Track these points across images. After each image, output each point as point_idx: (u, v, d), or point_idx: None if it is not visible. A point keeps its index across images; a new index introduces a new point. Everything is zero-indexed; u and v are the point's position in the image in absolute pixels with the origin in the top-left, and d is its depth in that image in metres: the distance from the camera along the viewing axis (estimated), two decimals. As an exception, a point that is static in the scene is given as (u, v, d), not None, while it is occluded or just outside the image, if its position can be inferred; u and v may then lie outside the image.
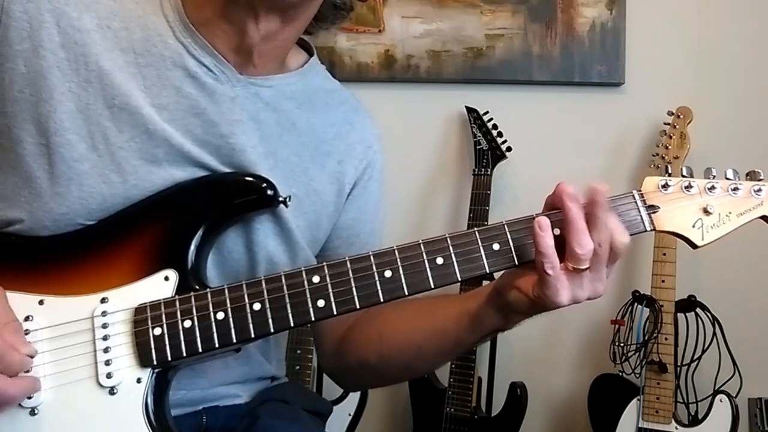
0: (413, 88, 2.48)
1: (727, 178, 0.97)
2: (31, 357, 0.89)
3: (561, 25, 2.37)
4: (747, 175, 0.98)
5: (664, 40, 2.38)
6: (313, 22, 1.10)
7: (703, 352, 2.13)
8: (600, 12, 2.35)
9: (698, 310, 2.14)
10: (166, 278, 0.95)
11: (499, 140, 2.29)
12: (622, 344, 2.14)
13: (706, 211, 0.95)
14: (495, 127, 2.31)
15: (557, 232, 0.91)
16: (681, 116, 2.18)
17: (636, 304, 2.15)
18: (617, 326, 2.17)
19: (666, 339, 2.08)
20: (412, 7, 2.43)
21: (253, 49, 1.03)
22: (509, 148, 2.31)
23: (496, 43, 2.40)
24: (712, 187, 0.96)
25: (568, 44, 2.37)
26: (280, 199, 1.02)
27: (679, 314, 2.14)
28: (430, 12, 2.42)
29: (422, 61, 2.43)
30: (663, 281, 2.11)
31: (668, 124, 2.20)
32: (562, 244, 0.90)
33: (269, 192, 1.01)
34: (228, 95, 1.03)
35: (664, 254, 2.11)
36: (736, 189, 0.96)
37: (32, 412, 0.89)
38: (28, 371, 0.89)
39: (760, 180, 0.97)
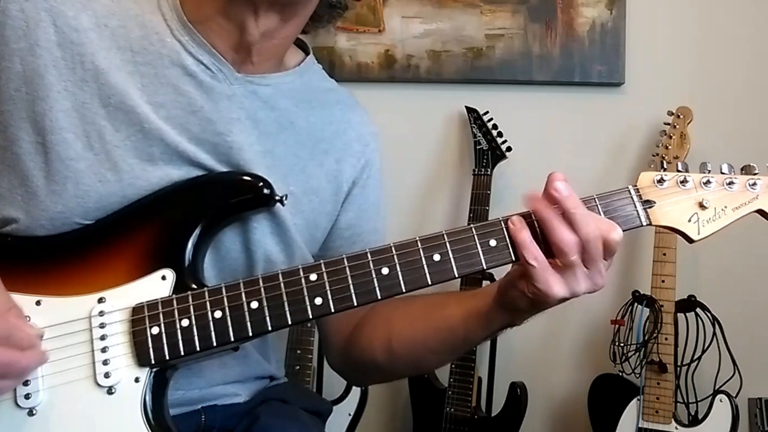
0: (413, 88, 2.48)
1: (722, 173, 0.97)
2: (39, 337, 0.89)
3: (561, 25, 2.37)
4: (742, 169, 0.97)
5: (664, 40, 2.38)
6: (309, 21, 1.11)
7: (703, 352, 2.12)
8: (600, 12, 2.35)
9: (698, 310, 2.14)
10: (163, 278, 0.95)
11: (499, 140, 2.29)
12: (622, 344, 2.14)
13: (701, 206, 0.95)
14: (495, 127, 2.30)
15: None
16: (681, 116, 2.18)
17: (636, 304, 2.15)
18: (617, 326, 2.17)
19: (666, 339, 2.08)
20: (412, 7, 2.43)
21: (252, 46, 1.03)
22: (509, 148, 2.31)
23: (496, 43, 2.40)
24: (708, 182, 0.96)
25: (568, 44, 2.37)
26: (277, 197, 1.02)
27: (679, 314, 2.14)
28: (430, 12, 2.42)
29: (422, 61, 2.43)
30: (663, 281, 2.11)
31: (668, 124, 2.19)
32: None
33: (266, 191, 1.01)
34: (225, 93, 1.03)
35: (664, 254, 2.11)
36: (731, 183, 0.96)
37: (30, 412, 0.89)
38: None
39: (755, 174, 0.97)
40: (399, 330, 1.14)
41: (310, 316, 0.93)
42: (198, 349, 0.91)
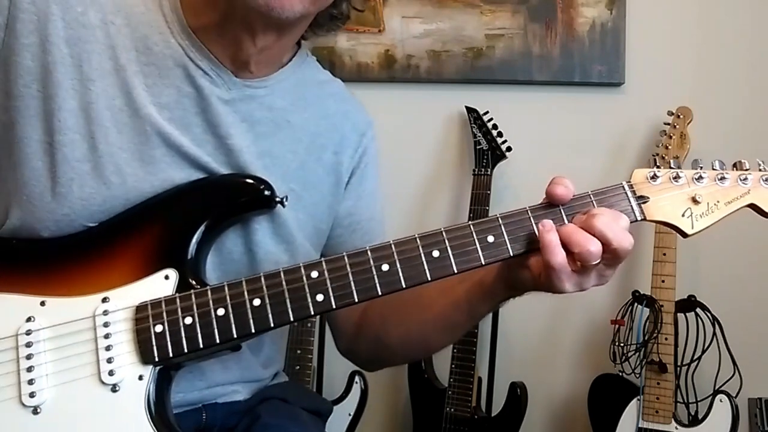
0: (413, 88, 2.49)
1: (714, 169, 0.98)
2: None
3: (561, 25, 2.37)
4: (734, 165, 0.99)
5: (664, 40, 2.39)
6: (309, 29, 1.12)
7: (703, 352, 2.13)
8: (600, 12, 2.36)
9: (698, 310, 2.14)
10: (167, 277, 0.96)
11: (499, 140, 2.30)
12: (622, 344, 2.14)
13: (694, 201, 0.96)
14: (495, 127, 2.31)
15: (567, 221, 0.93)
16: (681, 116, 2.18)
17: (636, 304, 2.15)
18: (617, 326, 2.17)
19: (666, 339, 2.08)
20: (412, 7, 2.43)
21: (250, 60, 1.05)
22: (509, 148, 2.31)
23: (496, 43, 2.40)
24: (700, 177, 0.97)
25: (568, 44, 2.37)
26: (278, 199, 1.03)
27: (679, 314, 2.14)
28: (430, 12, 2.43)
29: (422, 61, 2.44)
30: (663, 281, 2.11)
31: (668, 124, 2.20)
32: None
33: (266, 192, 1.02)
34: (223, 98, 1.04)
35: (664, 254, 2.11)
36: (723, 178, 0.97)
37: (35, 411, 0.89)
38: None
39: (746, 170, 0.98)
40: (410, 313, 1.15)
41: (312, 313, 0.93)
42: (201, 346, 0.92)
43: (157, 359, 0.91)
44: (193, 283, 0.96)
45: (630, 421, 2.09)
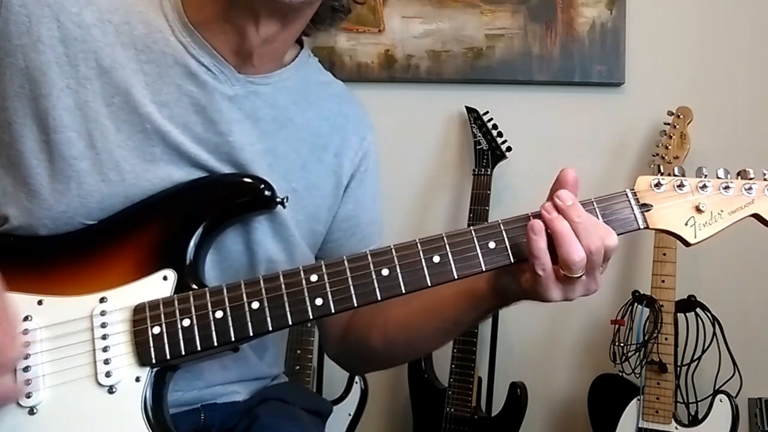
0: (413, 88, 2.49)
1: (719, 177, 0.98)
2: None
3: (561, 25, 2.37)
4: (738, 174, 0.98)
5: (664, 40, 2.38)
6: (311, 24, 1.11)
7: (703, 352, 2.13)
8: (600, 12, 2.35)
9: (698, 310, 2.14)
10: (165, 278, 0.95)
11: (499, 140, 2.30)
12: (622, 344, 2.14)
13: (698, 209, 0.96)
14: (495, 127, 2.31)
15: None
16: (681, 116, 2.18)
17: (636, 304, 2.15)
18: (617, 326, 2.17)
19: (666, 339, 2.08)
20: (412, 7, 2.43)
21: (253, 51, 1.03)
22: (509, 148, 2.31)
23: (496, 43, 2.40)
24: (704, 186, 0.97)
25: (568, 44, 2.37)
26: (278, 200, 1.02)
27: (679, 314, 2.14)
28: (430, 12, 2.43)
29: (422, 61, 2.43)
30: (663, 281, 2.11)
31: (668, 124, 2.20)
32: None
33: (267, 193, 1.02)
34: (227, 94, 1.03)
35: (664, 254, 2.11)
36: (727, 187, 0.97)
37: (31, 411, 0.89)
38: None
39: (750, 179, 0.98)
40: (394, 315, 1.14)
41: (311, 317, 0.93)
42: (199, 348, 0.91)
43: (154, 361, 0.91)
44: (192, 284, 0.96)
45: (630, 421, 2.09)
